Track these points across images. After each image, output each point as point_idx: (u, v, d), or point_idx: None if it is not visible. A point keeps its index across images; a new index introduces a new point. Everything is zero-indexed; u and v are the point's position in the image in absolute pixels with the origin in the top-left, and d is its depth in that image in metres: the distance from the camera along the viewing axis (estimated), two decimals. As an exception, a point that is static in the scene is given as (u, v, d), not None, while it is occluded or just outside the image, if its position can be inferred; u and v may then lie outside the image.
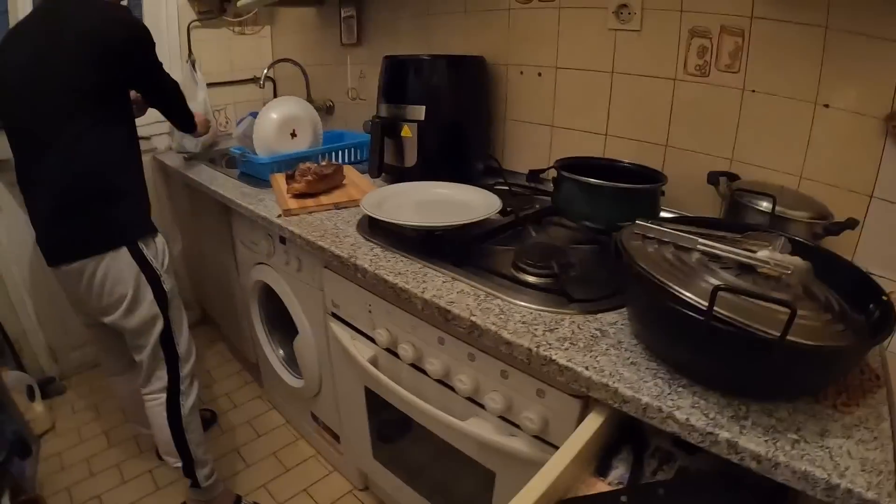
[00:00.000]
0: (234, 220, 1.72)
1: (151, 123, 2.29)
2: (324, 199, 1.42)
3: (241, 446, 1.95)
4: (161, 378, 1.44)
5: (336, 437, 1.63)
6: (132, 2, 2.25)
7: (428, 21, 1.75)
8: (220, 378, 2.36)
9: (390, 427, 1.30)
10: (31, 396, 2.07)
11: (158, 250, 1.38)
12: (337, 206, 1.40)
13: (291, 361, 1.77)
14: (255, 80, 2.45)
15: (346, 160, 1.86)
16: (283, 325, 1.73)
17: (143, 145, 1.52)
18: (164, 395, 1.44)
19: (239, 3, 2.11)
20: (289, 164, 1.66)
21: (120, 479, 1.82)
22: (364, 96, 2.14)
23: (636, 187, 1.04)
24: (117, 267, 1.30)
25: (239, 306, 1.99)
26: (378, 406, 1.26)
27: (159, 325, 1.39)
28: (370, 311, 1.12)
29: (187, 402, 1.47)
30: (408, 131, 1.46)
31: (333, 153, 1.83)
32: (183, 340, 1.48)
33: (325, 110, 2.34)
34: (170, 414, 1.44)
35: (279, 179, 1.56)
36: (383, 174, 1.56)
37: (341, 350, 1.25)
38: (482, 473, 1.00)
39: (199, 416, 1.53)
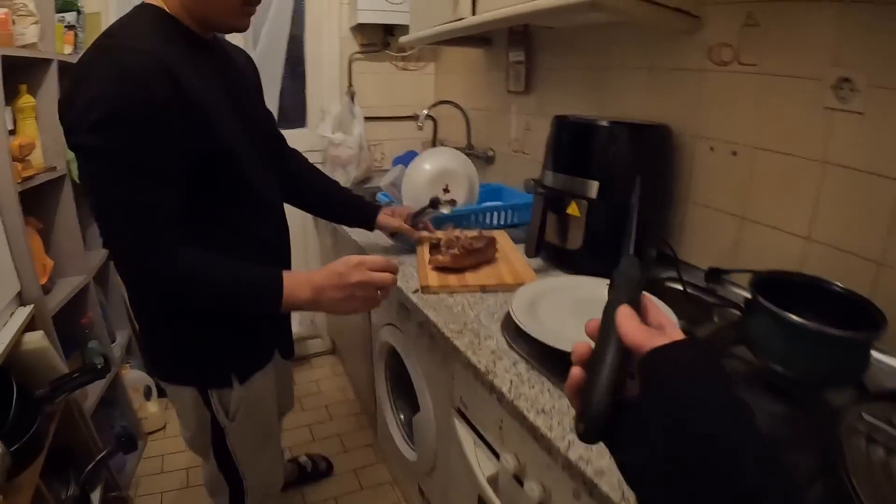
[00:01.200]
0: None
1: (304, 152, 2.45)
2: (469, 279, 1.32)
3: (340, 496, 1.97)
4: None
5: (441, 520, 1.56)
6: (295, 30, 2.40)
7: (604, 76, 1.63)
8: (337, 416, 2.41)
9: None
10: (148, 396, 2.27)
11: (232, 405, 1.15)
12: (484, 290, 1.30)
13: (411, 428, 1.75)
14: (414, 117, 2.51)
15: (502, 222, 1.78)
16: (409, 391, 1.71)
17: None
18: None
19: (401, 39, 2.15)
20: (438, 222, 1.62)
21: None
22: (528, 150, 2.06)
23: (850, 337, 0.84)
24: (181, 399, 1.17)
25: (366, 357, 2.00)
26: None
27: (225, 492, 1.26)
28: (501, 428, 1.02)
29: None
30: (576, 209, 1.34)
31: (489, 214, 1.76)
32: (255, 495, 1.29)
33: (485, 159, 2.31)
34: None
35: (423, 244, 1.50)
36: (542, 252, 1.44)
37: (461, 454, 1.18)
38: None
39: None
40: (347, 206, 1.48)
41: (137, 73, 0.83)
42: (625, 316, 0.45)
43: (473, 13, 1.54)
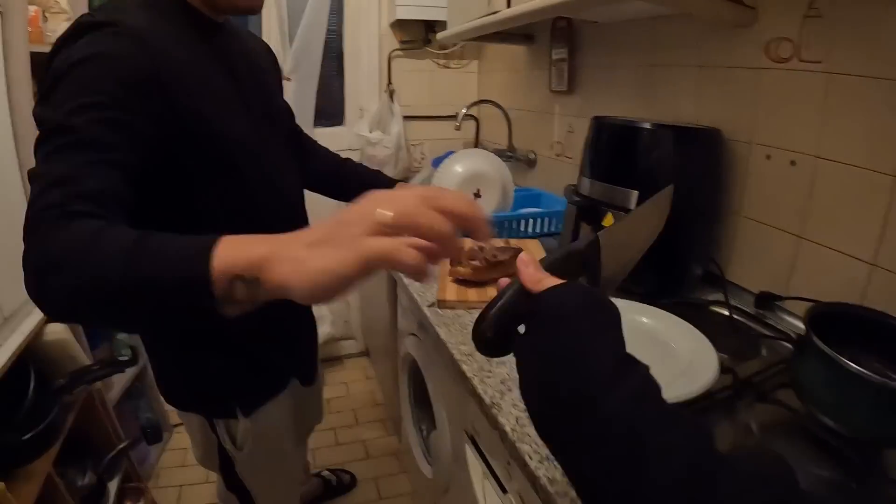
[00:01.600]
0: (399, 275, 1.66)
1: (341, 150, 2.40)
2: (491, 293, 1.19)
3: (356, 505, 1.91)
4: None
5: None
6: (334, 26, 2.36)
7: (652, 73, 1.50)
8: (363, 421, 2.36)
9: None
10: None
11: (239, 436, 1.07)
12: None
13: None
14: (456, 117, 2.44)
15: (537, 230, 1.66)
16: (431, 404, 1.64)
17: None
18: None
19: (438, 36, 2.07)
20: (467, 229, 1.55)
21: (233, 494, 1.89)
22: (570, 154, 1.93)
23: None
24: (188, 421, 1.12)
25: (393, 364, 1.93)
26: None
27: None
28: (509, 464, 0.92)
29: None
30: (611, 220, 1.21)
31: (522, 222, 1.65)
32: None
33: (526, 163, 2.19)
34: None
35: (448, 251, 1.42)
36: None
37: (469, 483, 1.08)
38: None
39: None
40: (360, 183, 1.32)
41: (105, 43, 0.72)
42: (523, 261, 0.51)
43: (508, 5, 1.44)
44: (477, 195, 1.64)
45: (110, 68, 0.71)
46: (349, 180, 1.31)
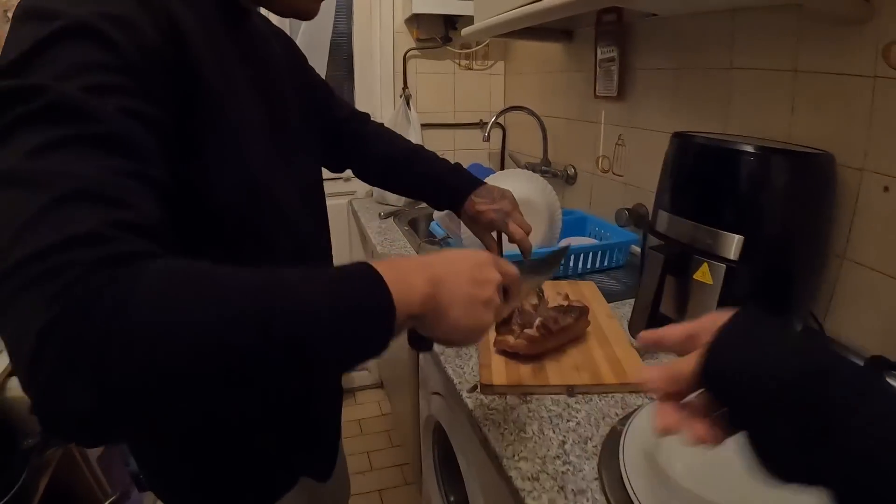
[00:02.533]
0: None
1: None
2: (551, 373, 0.94)
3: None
4: None
5: None
6: (341, 23, 2.18)
7: (729, 79, 1.28)
8: (379, 466, 2.18)
9: None
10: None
11: None
12: (570, 391, 0.90)
13: (461, 509, 1.46)
14: (480, 124, 2.24)
15: (587, 266, 1.44)
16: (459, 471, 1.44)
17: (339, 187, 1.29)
18: None
19: (463, 31, 1.86)
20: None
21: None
22: (620, 171, 1.70)
23: None
24: None
25: (412, 419, 1.73)
26: None
27: None
28: None
29: None
30: (707, 274, 0.98)
31: (571, 257, 1.41)
32: None
33: (564, 179, 1.98)
34: None
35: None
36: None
37: None
38: None
39: None
40: (435, 189, 1.17)
41: (112, 3, 0.47)
42: (653, 382, 0.48)
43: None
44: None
45: (129, 38, 0.47)
46: (414, 181, 1.18)
